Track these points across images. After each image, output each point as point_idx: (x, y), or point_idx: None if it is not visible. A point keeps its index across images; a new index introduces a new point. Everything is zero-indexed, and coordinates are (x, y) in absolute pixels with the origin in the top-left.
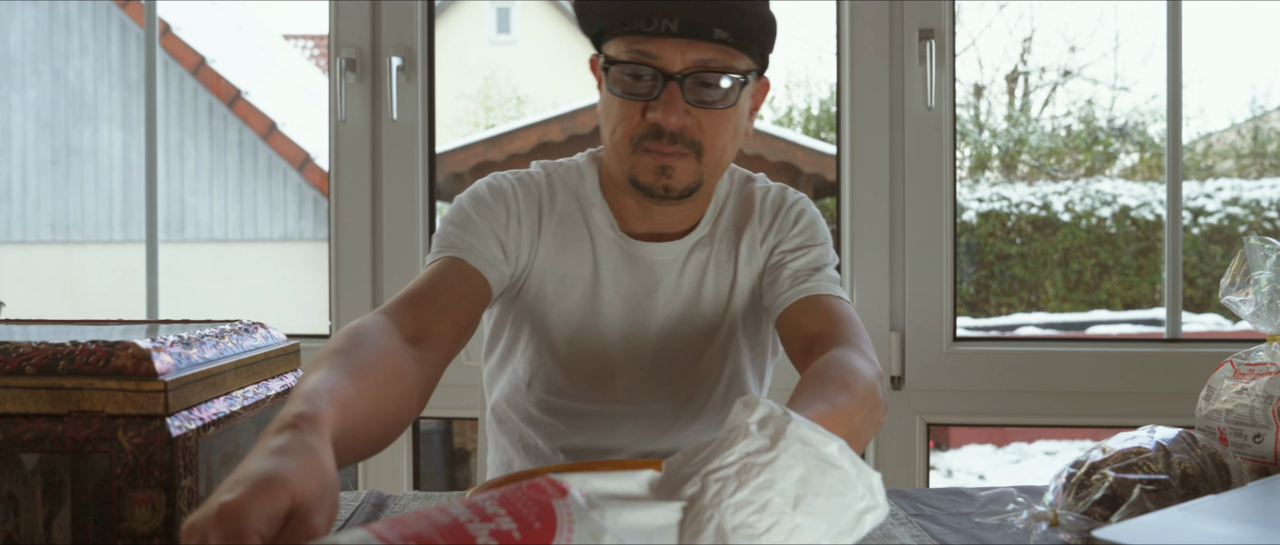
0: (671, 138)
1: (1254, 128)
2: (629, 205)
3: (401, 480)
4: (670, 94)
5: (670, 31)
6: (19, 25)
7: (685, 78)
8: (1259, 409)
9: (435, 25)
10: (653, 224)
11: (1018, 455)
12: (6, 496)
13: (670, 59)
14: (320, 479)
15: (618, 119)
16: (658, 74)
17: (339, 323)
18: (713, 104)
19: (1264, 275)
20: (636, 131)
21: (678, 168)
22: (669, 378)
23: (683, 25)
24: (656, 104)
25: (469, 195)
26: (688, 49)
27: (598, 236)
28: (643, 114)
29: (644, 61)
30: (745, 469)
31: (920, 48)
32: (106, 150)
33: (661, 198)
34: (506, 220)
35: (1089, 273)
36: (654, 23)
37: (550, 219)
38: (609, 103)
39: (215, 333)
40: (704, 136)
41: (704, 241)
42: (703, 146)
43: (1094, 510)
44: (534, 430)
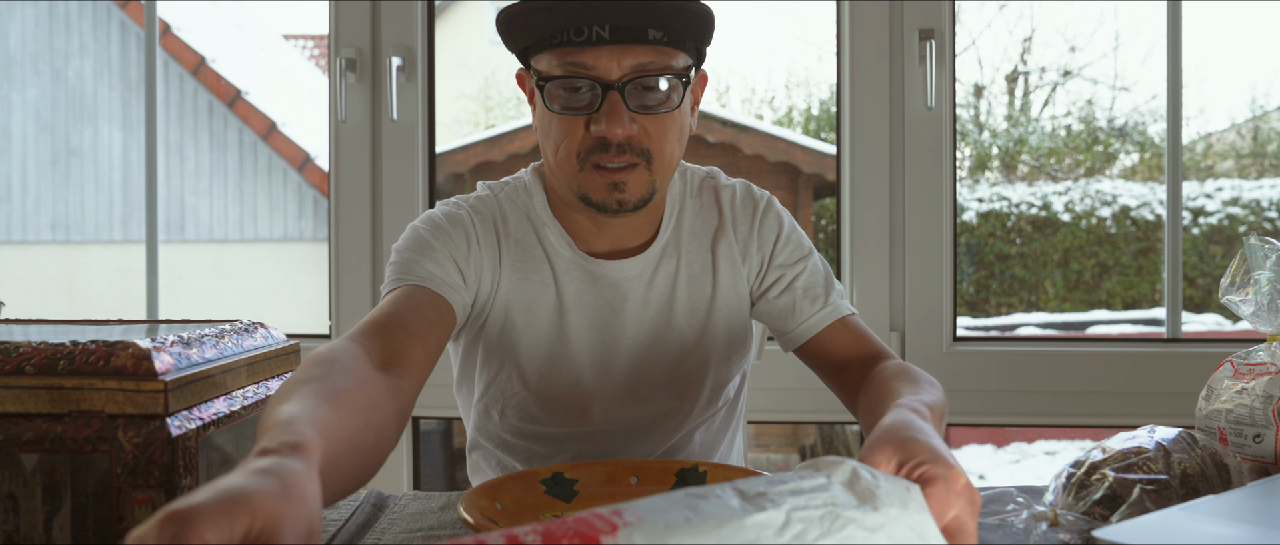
0: (619, 148)
1: (1254, 128)
2: (582, 222)
3: (402, 480)
4: (612, 104)
5: (603, 39)
6: (19, 25)
7: (624, 85)
8: (1259, 409)
9: (435, 25)
10: (610, 239)
11: (1018, 455)
12: (6, 496)
13: (606, 67)
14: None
15: (559, 136)
16: (596, 84)
17: (339, 323)
18: (656, 108)
19: (1264, 275)
20: (582, 146)
21: (629, 181)
22: (645, 396)
23: (614, 30)
24: (599, 116)
25: (425, 222)
26: (623, 55)
27: (556, 259)
28: (586, 127)
29: (580, 73)
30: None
31: (920, 48)
32: (106, 150)
33: (615, 212)
34: (467, 248)
35: (1089, 273)
36: (584, 32)
37: (507, 245)
38: (547, 120)
39: (215, 333)
40: (651, 143)
41: (669, 251)
42: (652, 153)
43: (1094, 510)
44: (512, 456)
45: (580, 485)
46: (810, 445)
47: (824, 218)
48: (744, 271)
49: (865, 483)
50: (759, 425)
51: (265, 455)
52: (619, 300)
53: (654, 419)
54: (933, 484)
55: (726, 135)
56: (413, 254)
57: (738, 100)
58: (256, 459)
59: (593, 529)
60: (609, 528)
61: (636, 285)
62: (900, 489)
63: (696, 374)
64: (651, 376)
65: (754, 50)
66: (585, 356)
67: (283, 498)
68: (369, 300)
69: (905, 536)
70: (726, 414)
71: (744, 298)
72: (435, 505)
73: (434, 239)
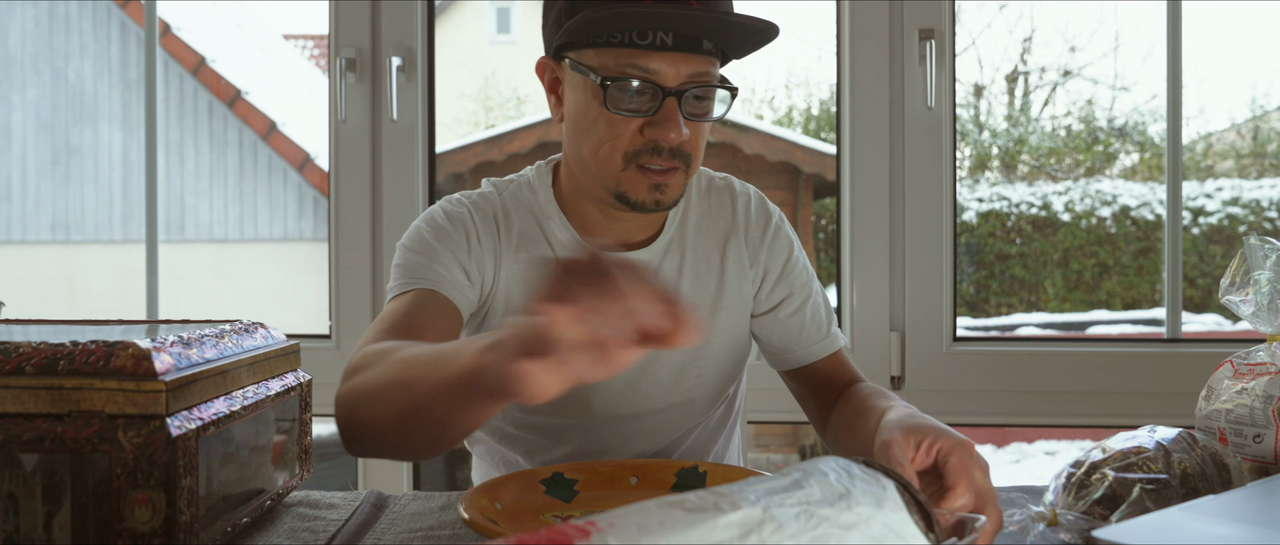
0: (669, 153)
1: (1254, 128)
2: (591, 215)
3: (402, 480)
4: (670, 109)
5: (666, 45)
6: (19, 25)
7: (682, 92)
8: (1259, 409)
9: (435, 25)
10: (617, 234)
11: (1018, 455)
12: (6, 496)
13: (667, 74)
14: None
15: (605, 135)
16: (657, 90)
17: (339, 323)
18: (703, 117)
19: (1264, 275)
20: (630, 148)
21: (670, 183)
22: (648, 389)
23: (678, 39)
24: (656, 120)
25: (426, 222)
26: (681, 63)
27: (559, 250)
28: (638, 130)
29: (642, 76)
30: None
31: (920, 48)
32: (106, 150)
33: (651, 210)
34: (467, 245)
35: (1089, 273)
36: (649, 36)
37: (508, 239)
38: (594, 117)
39: (215, 333)
40: (692, 149)
41: (674, 246)
42: (691, 158)
43: (1094, 510)
44: (513, 449)
45: (580, 485)
46: (810, 445)
47: (824, 218)
48: (750, 276)
49: (840, 481)
50: (759, 425)
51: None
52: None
53: (656, 412)
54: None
55: (726, 135)
56: (419, 257)
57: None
58: (483, 353)
59: (566, 536)
60: (582, 534)
61: None
62: (876, 488)
63: (700, 369)
64: (655, 369)
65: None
66: None
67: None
68: (369, 300)
69: (880, 534)
70: (725, 412)
71: (747, 301)
72: (435, 505)
73: (437, 240)
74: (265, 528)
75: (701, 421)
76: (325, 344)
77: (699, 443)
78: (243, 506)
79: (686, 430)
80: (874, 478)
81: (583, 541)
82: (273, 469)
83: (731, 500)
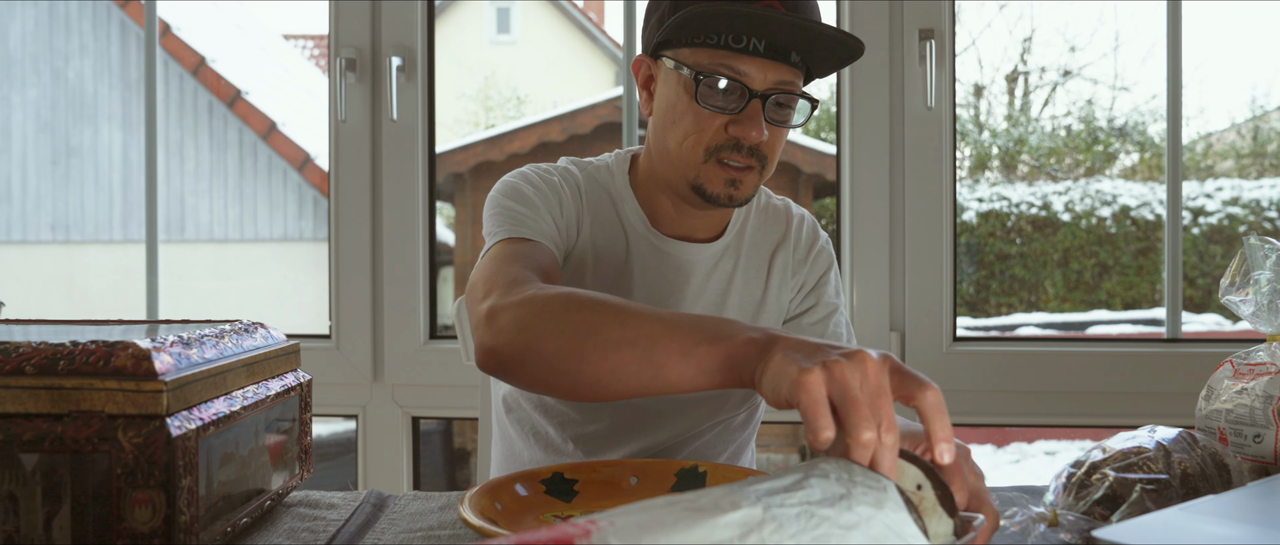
0: (748, 151)
1: (1254, 128)
2: (662, 206)
3: (402, 480)
4: (754, 110)
5: (757, 51)
6: (19, 25)
7: (768, 96)
8: (1259, 409)
9: (435, 25)
10: (683, 227)
11: (1018, 455)
12: (6, 496)
13: (756, 78)
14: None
15: (692, 128)
16: (746, 91)
17: (339, 323)
18: (784, 123)
19: (1264, 275)
20: (713, 142)
21: (746, 180)
22: None
23: (769, 47)
24: (741, 118)
25: (520, 178)
26: (769, 69)
27: (630, 232)
28: (722, 127)
29: (734, 76)
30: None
31: (920, 48)
32: (106, 150)
33: (725, 205)
34: (559, 205)
35: (1089, 273)
36: (743, 41)
37: (587, 211)
38: (683, 111)
39: (215, 333)
40: (769, 151)
41: (731, 249)
42: (767, 160)
43: (1094, 510)
44: (547, 419)
45: (580, 485)
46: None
47: (824, 218)
48: (791, 285)
49: (841, 481)
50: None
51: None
52: (680, 281)
53: (690, 401)
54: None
55: None
56: (521, 207)
57: None
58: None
59: (567, 535)
60: (583, 533)
61: (698, 272)
62: (877, 489)
63: None
64: None
65: None
66: None
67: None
68: (369, 300)
69: (881, 535)
70: (748, 416)
71: (784, 309)
72: (435, 505)
73: (536, 196)
74: (265, 528)
75: (727, 419)
76: (325, 344)
77: (720, 440)
78: (243, 506)
79: (712, 424)
80: (874, 478)
81: (584, 541)
82: (272, 469)
83: (732, 500)
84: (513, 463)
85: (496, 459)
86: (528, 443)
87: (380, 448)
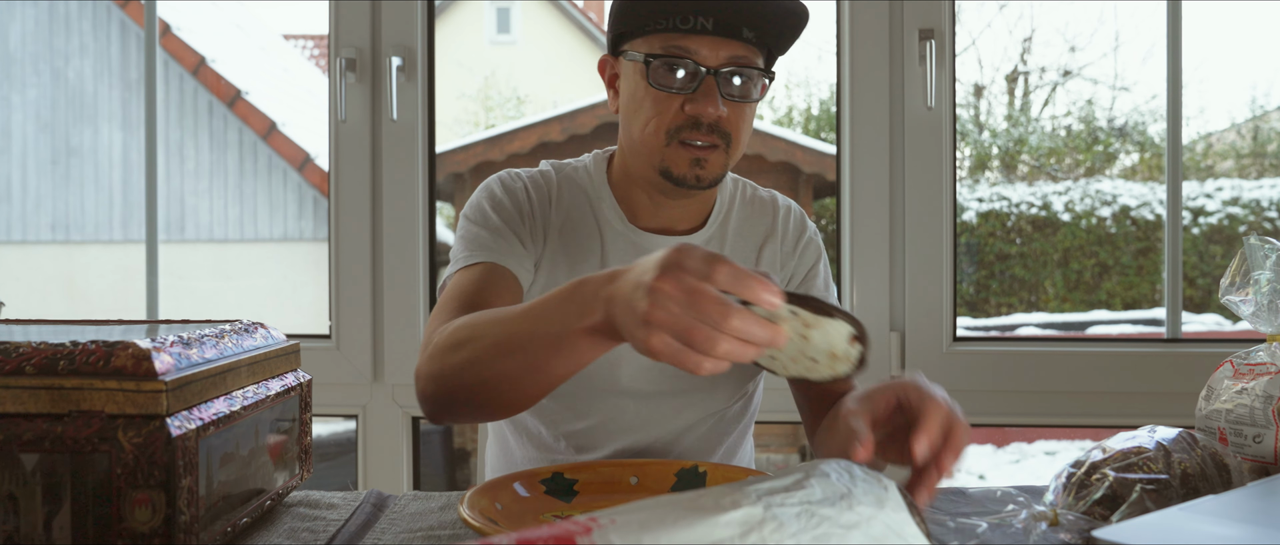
0: (707, 128)
1: (1254, 128)
2: (639, 200)
3: (401, 480)
4: (708, 86)
5: (705, 29)
6: (19, 25)
7: (720, 72)
8: (1259, 409)
9: (435, 25)
10: (661, 220)
11: (1018, 455)
12: (6, 496)
13: (707, 55)
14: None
15: (651, 113)
16: (697, 68)
17: (339, 323)
18: (742, 98)
19: (1264, 275)
20: (672, 124)
21: (710, 159)
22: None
23: (718, 24)
24: (695, 96)
25: (485, 194)
26: (721, 46)
27: (606, 230)
28: (679, 107)
29: (683, 56)
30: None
31: (920, 48)
32: (106, 150)
33: (693, 187)
34: (521, 217)
35: (1089, 273)
36: (690, 21)
37: (557, 215)
38: (640, 98)
39: (215, 333)
40: (732, 128)
41: (713, 241)
42: (731, 137)
43: (1094, 510)
44: (537, 418)
45: (580, 485)
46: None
47: (824, 218)
48: (779, 278)
49: (841, 481)
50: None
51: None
52: None
53: (678, 393)
54: (908, 392)
55: None
56: (483, 231)
57: None
58: (606, 286)
59: (568, 533)
60: (584, 530)
61: None
62: (877, 488)
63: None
64: None
65: None
66: None
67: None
68: (369, 300)
69: (881, 534)
70: (742, 408)
71: None
72: (435, 505)
73: (497, 213)
74: (265, 528)
75: (720, 410)
76: (325, 344)
77: (714, 434)
78: (243, 506)
79: (705, 416)
80: (875, 478)
81: (585, 539)
82: (273, 469)
83: (733, 499)
84: (507, 461)
85: (492, 458)
86: (521, 441)
87: (380, 448)
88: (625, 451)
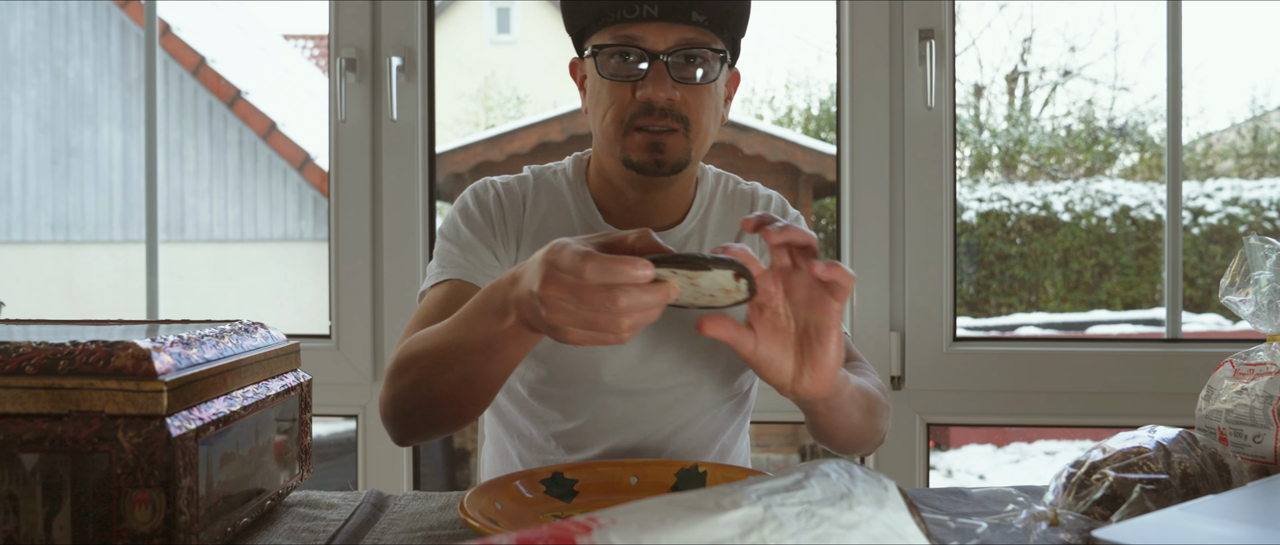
0: (661, 113)
1: (1254, 128)
2: (616, 198)
3: (401, 480)
4: (657, 71)
5: (651, 16)
6: (19, 25)
7: (670, 56)
8: (1259, 409)
9: (435, 25)
10: (640, 215)
11: (1018, 455)
12: (6, 496)
13: (654, 40)
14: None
15: (608, 103)
16: (644, 54)
17: (339, 323)
18: (695, 80)
19: (1264, 275)
20: (627, 112)
21: (668, 143)
22: (659, 364)
23: (663, 10)
24: (645, 82)
25: (459, 208)
26: (669, 31)
27: (582, 229)
28: (632, 94)
29: (630, 44)
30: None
31: (920, 48)
32: (106, 150)
33: (655, 173)
34: (492, 228)
35: (1089, 273)
36: (636, 9)
37: (533, 218)
38: (598, 90)
39: (215, 333)
40: (690, 112)
41: (694, 235)
42: (690, 121)
43: (1094, 510)
44: (529, 419)
45: (580, 485)
46: (810, 445)
47: (824, 218)
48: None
49: (842, 481)
50: (759, 425)
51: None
52: None
53: (664, 390)
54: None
55: (726, 135)
56: (454, 247)
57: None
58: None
59: (567, 532)
60: (584, 530)
61: None
62: (877, 488)
63: (709, 354)
64: (667, 344)
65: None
66: None
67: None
68: (369, 300)
69: (881, 534)
70: (736, 405)
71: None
72: (435, 505)
73: (469, 228)
74: (265, 528)
75: (710, 408)
76: (325, 344)
77: (707, 431)
78: (243, 506)
79: (694, 414)
80: (875, 478)
81: (584, 539)
82: (273, 469)
83: (732, 499)
84: (503, 461)
85: (488, 458)
86: (514, 442)
87: (380, 448)
88: (616, 451)
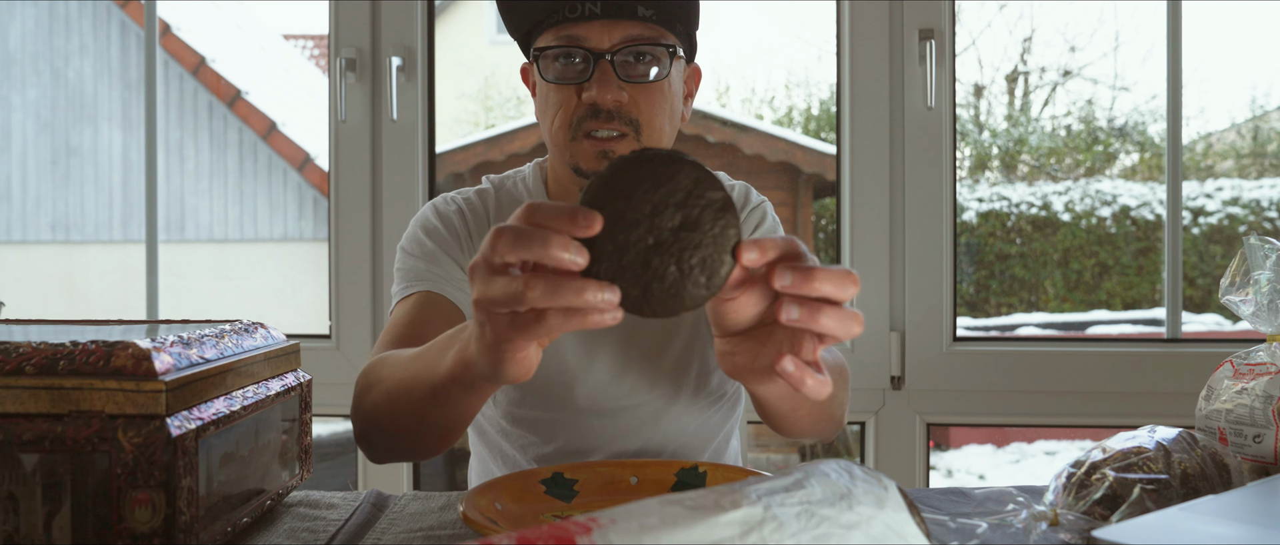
0: (608, 116)
1: (1254, 128)
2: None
3: (401, 480)
4: (603, 71)
5: (594, 14)
6: (19, 25)
7: (615, 55)
8: (1259, 409)
9: (435, 25)
10: None
11: (1018, 455)
12: (6, 496)
13: (598, 39)
14: None
15: (555, 108)
16: (588, 54)
17: (339, 323)
18: (645, 78)
19: (1264, 275)
20: (574, 115)
21: (618, 150)
22: (631, 382)
23: (606, 7)
24: (590, 83)
25: (419, 223)
26: (613, 28)
27: None
28: (578, 97)
29: (573, 44)
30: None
31: (920, 48)
32: (106, 150)
33: None
34: (457, 241)
35: (1089, 273)
36: (578, 8)
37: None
38: (545, 96)
39: (215, 333)
40: (640, 113)
41: None
42: (641, 124)
43: (1094, 510)
44: (507, 442)
45: (580, 485)
46: (810, 445)
47: (824, 218)
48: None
49: (842, 481)
50: (759, 425)
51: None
52: None
53: (640, 405)
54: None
55: (726, 135)
56: (417, 261)
57: (738, 100)
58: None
59: (567, 532)
60: (584, 530)
61: None
62: (877, 488)
63: (682, 360)
64: (639, 360)
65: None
66: (568, 339)
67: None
68: (369, 300)
69: (881, 534)
70: (727, 411)
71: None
72: (435, 505)
73: (432, 240)
74: (265, 528)
75: (695, 414)
76: (325, 344)
77: (697, 439)
78: (243, 506)
79: (679, 424)
80: (875, 478)
81: (584, 539)
82: (273, 469)
83: (732, 499)
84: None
85: (473, 477)
86: (498, 463)
87: None
88: None
